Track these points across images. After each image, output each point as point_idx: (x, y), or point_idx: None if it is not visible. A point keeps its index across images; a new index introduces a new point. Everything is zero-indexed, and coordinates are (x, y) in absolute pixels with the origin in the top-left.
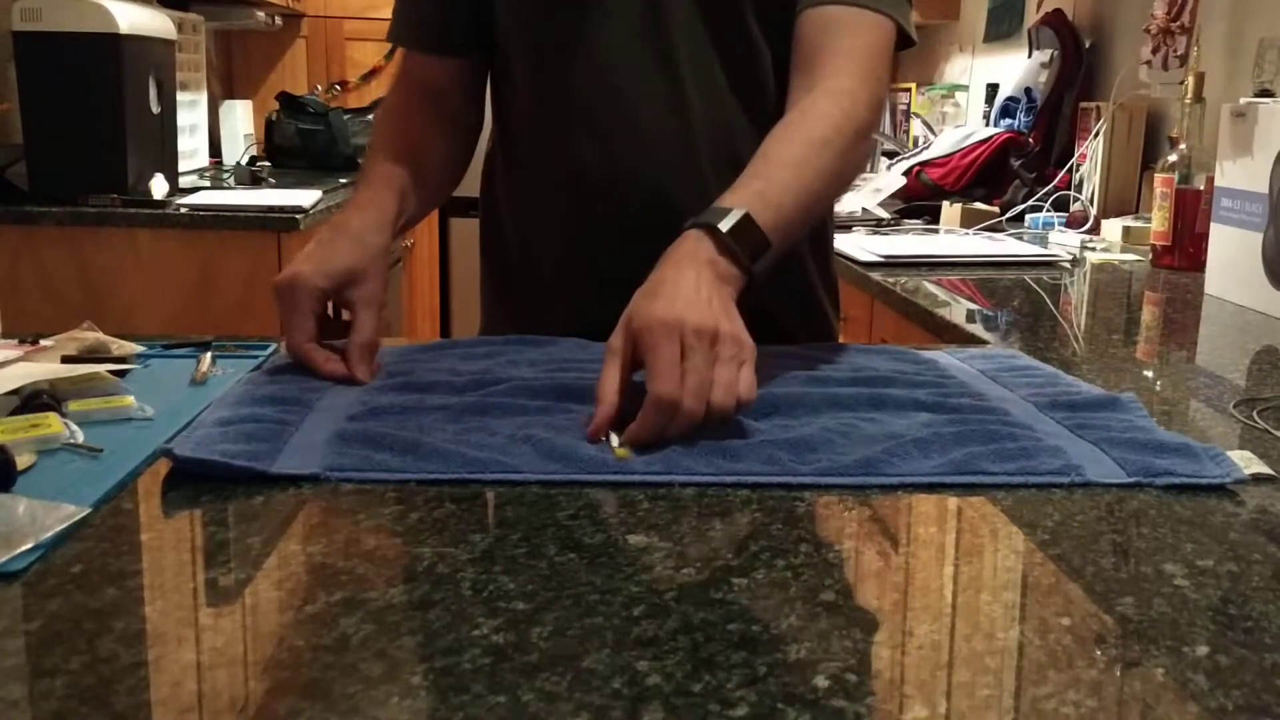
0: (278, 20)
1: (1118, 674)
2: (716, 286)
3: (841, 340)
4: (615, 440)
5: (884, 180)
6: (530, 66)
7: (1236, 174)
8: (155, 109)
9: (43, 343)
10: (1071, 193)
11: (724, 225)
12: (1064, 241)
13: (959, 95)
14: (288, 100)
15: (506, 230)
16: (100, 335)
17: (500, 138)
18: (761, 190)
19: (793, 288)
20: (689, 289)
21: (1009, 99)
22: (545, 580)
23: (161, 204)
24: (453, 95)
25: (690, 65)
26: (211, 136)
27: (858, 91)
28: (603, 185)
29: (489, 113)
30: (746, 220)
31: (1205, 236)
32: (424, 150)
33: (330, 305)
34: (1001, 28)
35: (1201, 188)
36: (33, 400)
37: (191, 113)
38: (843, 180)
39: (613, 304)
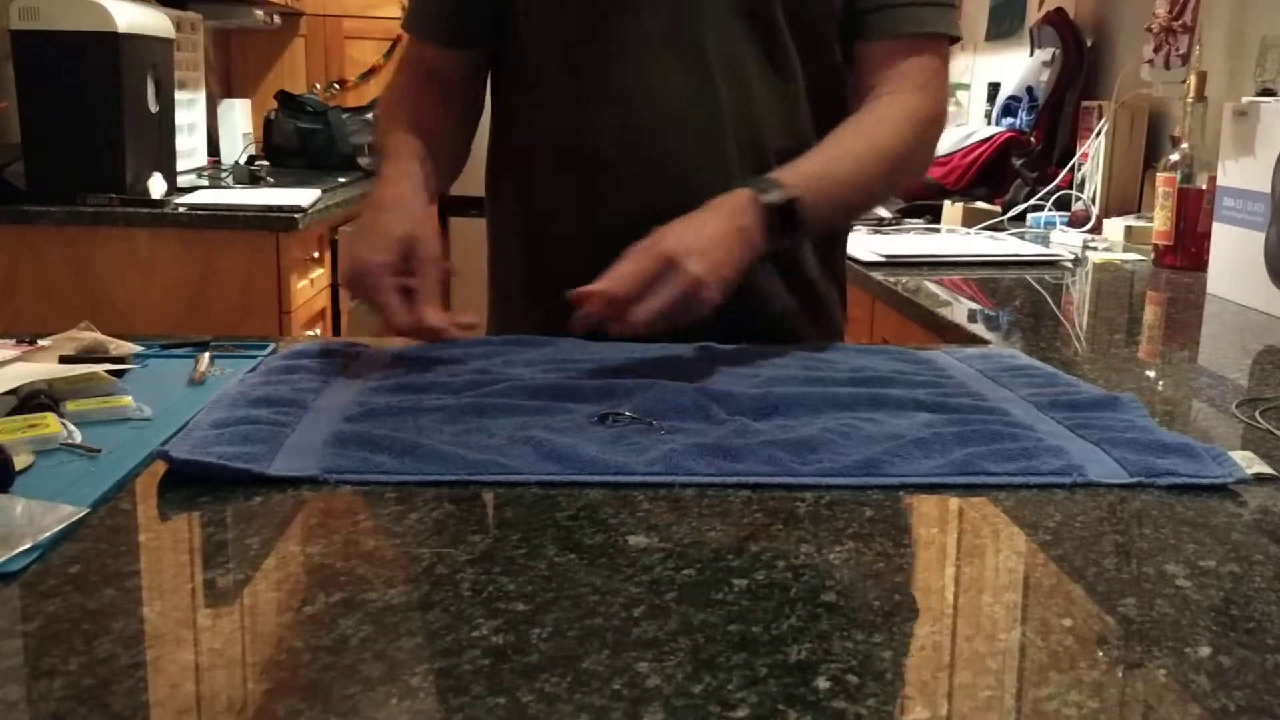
0: (276, 19)
1: (1120, 675)
2: (733, 245)
3: (843, 340)
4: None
5: None
6: (556, 57)
7: (1238, 173)
8: (153, 108)
9: (40, 342)
10: (1073, 192)
11: (767, 198)
12: (1066, 241)
13: (960, 94)
14: (286, 99)
15: (518, 225)
16: (98, 335)
17: (512, 131)
18: (819, 175)
19: (797, 284)
20: (708, 236)
21: (1010, 98)
22: (545, 581)
23: (160, 203)
24: (459, 84)
25: (719, 55)
26: (210, 135)
27: (922, 108)
28: (627, 174)
29: (488, 110)
30: (794, 203)
31: (1207, 236)
32: (434, 131)
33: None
34: (1003, 26)
35: (1204, 187)
36: (30, 400)
37: (190, 112)
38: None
39: None
